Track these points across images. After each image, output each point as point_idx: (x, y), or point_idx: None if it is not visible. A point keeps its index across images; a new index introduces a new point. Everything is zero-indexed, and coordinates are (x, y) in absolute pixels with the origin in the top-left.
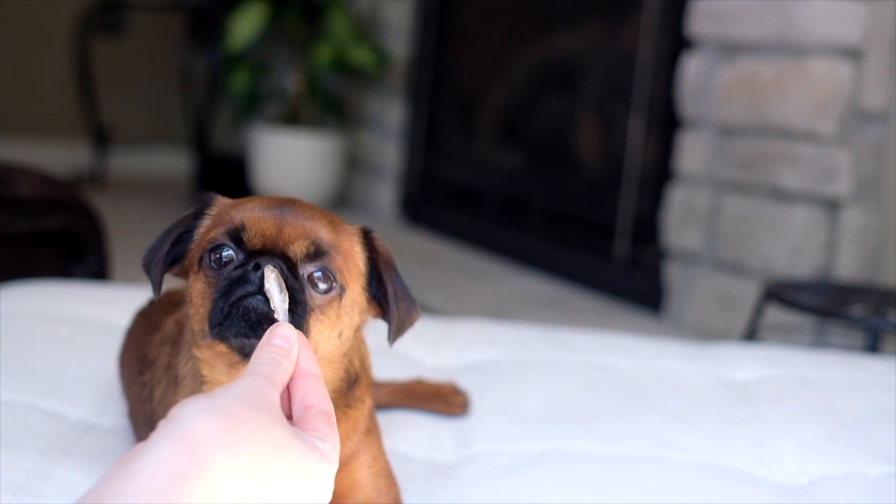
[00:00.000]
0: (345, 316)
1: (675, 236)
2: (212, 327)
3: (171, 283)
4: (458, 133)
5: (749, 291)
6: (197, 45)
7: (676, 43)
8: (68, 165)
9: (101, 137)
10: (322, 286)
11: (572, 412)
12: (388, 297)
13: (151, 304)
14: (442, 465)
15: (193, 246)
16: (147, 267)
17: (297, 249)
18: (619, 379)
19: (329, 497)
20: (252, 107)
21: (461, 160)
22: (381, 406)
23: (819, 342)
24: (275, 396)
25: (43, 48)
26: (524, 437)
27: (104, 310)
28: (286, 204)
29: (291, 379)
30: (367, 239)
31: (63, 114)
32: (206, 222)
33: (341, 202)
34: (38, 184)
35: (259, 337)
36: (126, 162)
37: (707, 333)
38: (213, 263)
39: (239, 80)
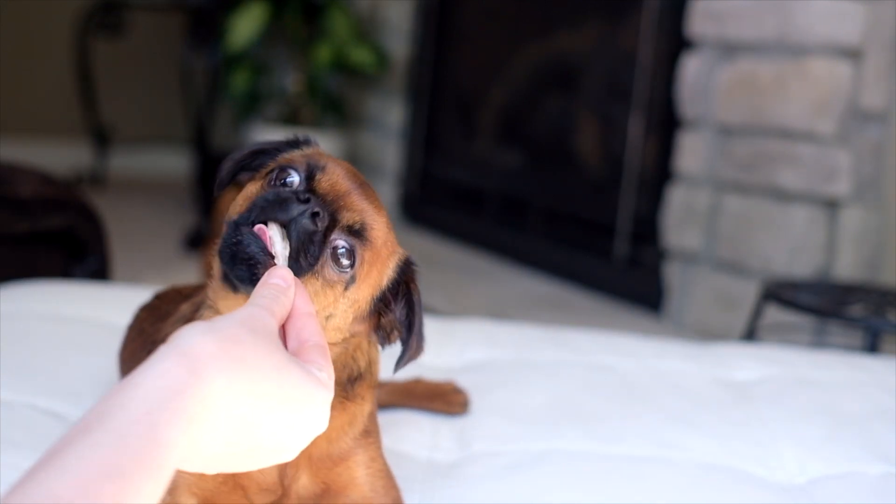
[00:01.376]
0: (341, 304)
1: (674, 236)
2: (235, 222)
3: (181, 275)
4: (458, 133)
5: (749, 291)
6: (197, 45)
7: (676, 43)
8: (68, 165)
9: (101, 137)
10: (342, 261)
11: (572, 412)
12: (412, 327)
13: (157, 297)
14: (442, 464)
15: (272, 163)
16: (223, 164)
17: (346, 217)
18: (619, 379)
19: (326, 425)
20: (252, 107)
21: (461, 160)
22: (380, 405)
23: (819, 342)
24: (273, 325)
25: (43, 48)
26: (524, 437)
27: (104, 310)
28: (366, 185)
29: (288, 319)
30: (406, 267)
31: (63, 114)
32: (294, 153)
33: None
34: (38, 184)
35: (252, 280)
36: (126, 162)
37: (707, 333)
38: (275, 179)
39: (239, 80)
